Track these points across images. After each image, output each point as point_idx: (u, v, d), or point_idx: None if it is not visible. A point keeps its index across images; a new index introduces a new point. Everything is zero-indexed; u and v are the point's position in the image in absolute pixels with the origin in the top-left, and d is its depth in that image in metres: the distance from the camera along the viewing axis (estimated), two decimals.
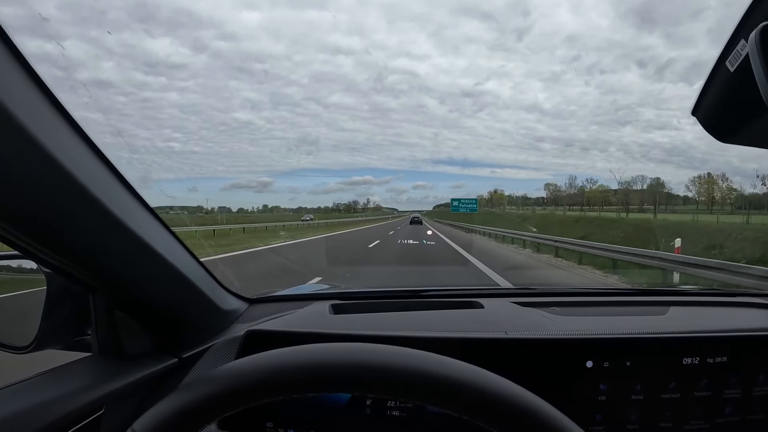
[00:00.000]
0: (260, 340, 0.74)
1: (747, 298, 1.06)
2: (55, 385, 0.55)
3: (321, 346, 0.41)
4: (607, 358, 0.71)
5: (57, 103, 0.44)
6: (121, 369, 0.63)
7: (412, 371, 0.38)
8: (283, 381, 0.38)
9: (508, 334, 0.74)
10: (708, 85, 0.47)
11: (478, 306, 0.94)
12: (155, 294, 0.65)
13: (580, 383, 0.71)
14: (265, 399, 0.38)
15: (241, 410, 0.39)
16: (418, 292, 1.09)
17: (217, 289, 0.82)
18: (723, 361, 0.73)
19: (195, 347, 0.75)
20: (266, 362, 0.39)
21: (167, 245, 0.63)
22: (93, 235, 0.50)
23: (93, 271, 0.55)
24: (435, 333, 0.74)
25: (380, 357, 0.39)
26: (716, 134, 0.52)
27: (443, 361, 0.39)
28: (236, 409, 0.39)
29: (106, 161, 0.51)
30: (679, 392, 0.71)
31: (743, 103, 0.43)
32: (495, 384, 0.38)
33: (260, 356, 0.40)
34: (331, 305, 0.95)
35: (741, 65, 0.40)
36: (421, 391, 0.37)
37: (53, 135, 0.42)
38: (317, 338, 0.74)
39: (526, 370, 0.70)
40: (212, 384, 0.39)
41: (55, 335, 0.66)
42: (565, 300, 1.05)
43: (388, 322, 0.86)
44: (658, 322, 0.88)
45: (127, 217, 0.52)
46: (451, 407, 0.37)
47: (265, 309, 0.95)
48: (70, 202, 0.45)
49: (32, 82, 0.41)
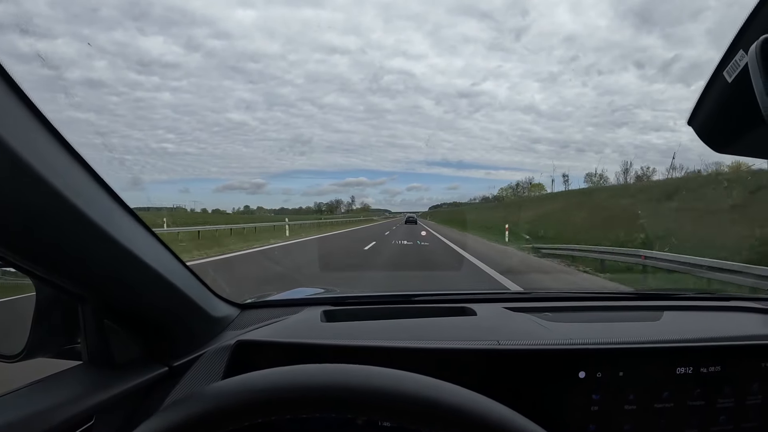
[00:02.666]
0: (250, 349, 0.74)
1: (741, 302, 1.06)
2: (45, 396, 0.54)
3: (307, 367, 0.41)
4: (600, 368, 0.71)
5: (31, 105, 0.41)
6: (112, 378, 0.62)
7: (392, 393, 0.38)
8: (272, 402, 0.38)
9: (501, 344, 0.74)
10: (705, 95, 0.46)
11: (471, 312, 0.94)
12: (144, 302, 0.64)
13: (573, 393, 0.70)
14: (254, 420, 0.38)
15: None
16: (410, 297, 1.09)
17: (207, 295, 0.81)
18: (717, 370, 0.73)
19: (185, 356, 0.74)
20: (254, 383, 0.39)
21: (153, 252, 0.62)
22: (75, 244, 0.49)
23: (77, 281, 0.54)
24: (427, 343, 0.74)
25: (360, 380, 0.39)
26: (712, 145, 0.52)
27: (422, 381, 0.39)
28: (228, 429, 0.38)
29: (86, 165, 0.49)
30: (672, 402, 0.71)
31: (740, 114, 0.42)
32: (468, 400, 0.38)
33: (249, 376, 0.40)
34: (323, 312, 0.94)
35: (739, 76, 0.40)
36: (397, 413, 0.38)
37: (27, 139, 0.40)
38: (307, 349, 0.74)
39: (519, 380, 0.71)
40: (201, 403, 0.38)
41: (45, 344, 0.65)
42: (559, 305, 1.05)
43: (380, 331, 0.86)
44: (652, 329, 0.88)
45: (110, 223, 0.51)
46: (431, 428, 0.37)
47: (256, 315, 0.95)
48: (48, 210, 0.44)
49: (5, 84, 0.39)
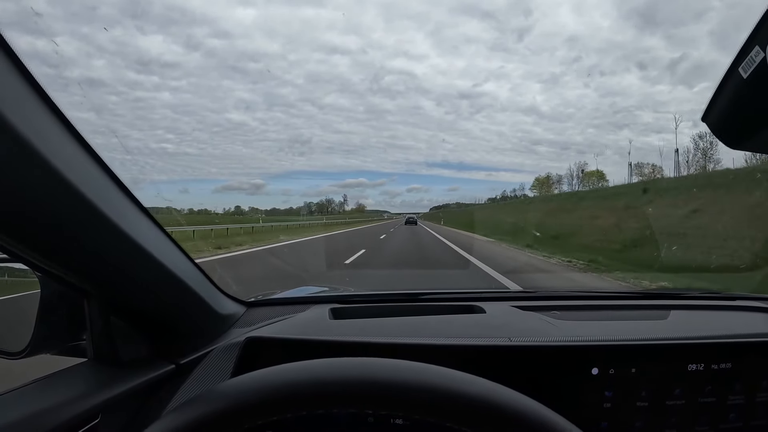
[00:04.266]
0: (260, 346, 0.73)
1: (747, 302, 1.06)
2: (50, 393, 0.54)
3: (326, 361, 0.41)
4: (612, 365, 0.71)
5: (50, 102, 0.42)
6: (118, 376, 0.61)
7: (414, 386, 0.37)
8: (291, 398, 0.37)
9: (512, 341, 0.73)
10: (720, 91, 0.46)
11: (480, 311, 0.94)
12: (151, 299, 0.64)
13: (586, 390, 0.70)
14: (273, 417, 0.37)
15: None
16: (418, 295, 1.08)
17: (214, 292, 0.80)
18: (727, 367, 0.73)
19: (193, 353, 0.73)
20: (273, 379, 0.39)
21: (163, 248, 0.61)
22: (85, 239, 0.48)
23: (85, 276, 0.54)
24: (437, 340, 0.73)
25: (383, 372, 0.38)
26: (726, 140, 0.51)
27: (445, 373, 0.38)
28: (242, 427, 0.38)
29: (100, 162, 0.49)
30: (683, 398, 0.71)
31: (756, 110, 0.42)
32: (500, 395, 0.37)
33: (267, 372, 0.40)
34: (331, 309, 0.93)
35: (755, 72, 0.40)
36: (423, 406, 0.37)
37: (45, 135, 0.40)
38: (317, 346, 0.73)
39: (531, 377, 0.70)
40: (217, 401, 0.38)
41: (50, 340, 0.65)
42: (567, 304, 1.05)
43: (389, 328, 0.85)
44: (661, 327, 0.88)
45: (121, 219, 0.51)
46: (455, 421, 0.36)
47: (263, 313, 0.94)
48: (61, 205, 0.44)
49: (24, 80, 0.39)
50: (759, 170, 12.72)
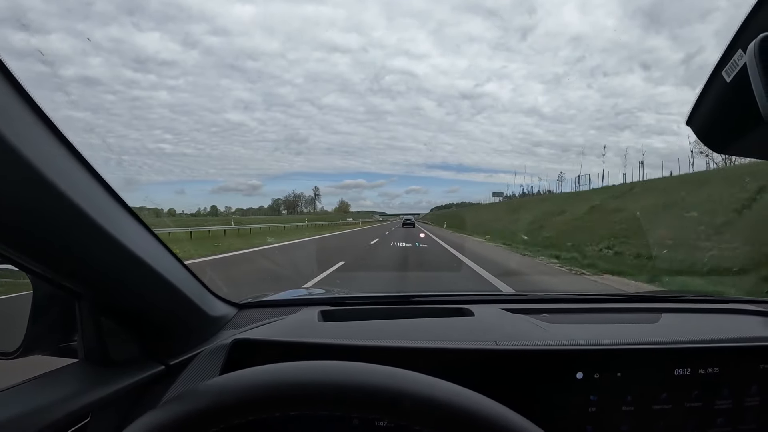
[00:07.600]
0: (247, 348, 0.73)
1: (739, 305, 1.06)
2: (41, 393, 0.54)
3: (291, 365, 0.42)
4: (597, 369, 0.71)
5: (33, 103, 0.41)
6: (108, 376, 0.62)
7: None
8: (270, 399, 0.38)
9: (499, 344, 0.73)
10: (703, 95, 0.46)
11: (469, 313, 0.94)
12: (141, 300, 0.64)
13: (571, 394, 0.70)
14: (252, 416, 0.38)
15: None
16: (408, 297, 1.09)
17: (204, 294, 0.81)
18: (715, 371, 0.72)
19: (182, 354, 0.74)
20: (247, 380, 0.40)
21: (152, 250, 0.62)
22: (73, 242, 0.49)
23: (74, 278, 0.54)
24: (424, 343, 0.73)
25: (358, 376, 0.39)
26: (711, 145, 0.52)
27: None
28: (225, 425, 0.38)
29: (85, 163, 0.49)
30: (670, 403, 0.71)
31: (740, 114, 0.42)
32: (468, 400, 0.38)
33: (243, 373, 0.41)
34: (321, 312, 0.94)
35: (738, 76, 0.40)
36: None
37: (29, 138, 0.40)
38: (304, 348, 0.74)
39: (516, 381, 0.70)
40: (196, 399, 0.39)
41: (42, 341, 0.66)
42: (556, 306, 1.05)
43: (377, 331, 0.86)
44: (650, 331, 0.88)
45: (109, 221, 0.51)
46: (428, 426, 0.37)
47: (254, 315, 0.95)
48: (47, 207, 0.44)
49: (6, 80, 0.39)
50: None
